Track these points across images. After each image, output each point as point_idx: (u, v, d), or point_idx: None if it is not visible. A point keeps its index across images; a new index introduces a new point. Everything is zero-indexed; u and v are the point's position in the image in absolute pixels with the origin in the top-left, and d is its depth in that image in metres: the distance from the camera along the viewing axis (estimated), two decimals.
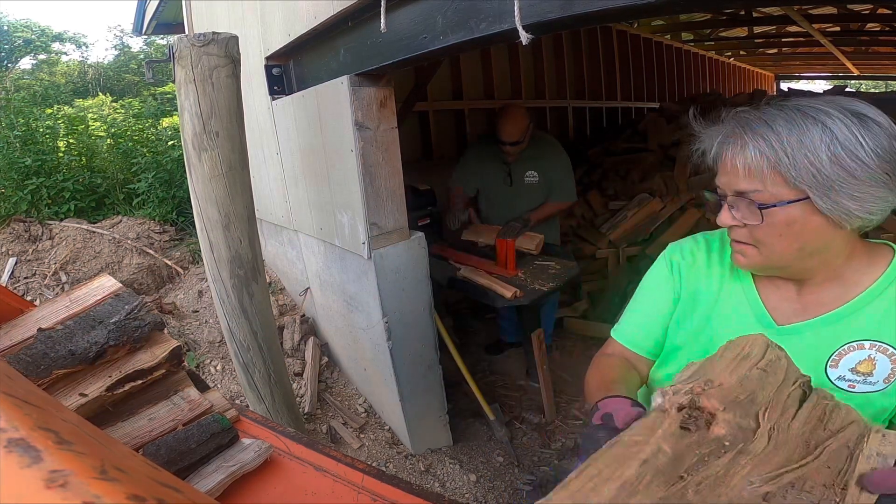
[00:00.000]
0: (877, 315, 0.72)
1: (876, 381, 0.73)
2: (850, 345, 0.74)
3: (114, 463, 0.33)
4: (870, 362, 0.73)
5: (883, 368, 0.72)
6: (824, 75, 10.21)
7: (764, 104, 0.71)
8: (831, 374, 0.75)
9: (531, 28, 0.92)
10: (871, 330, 0.73)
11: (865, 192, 0.64)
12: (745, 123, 0.70)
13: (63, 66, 13.29)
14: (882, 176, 0.63)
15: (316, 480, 0.75)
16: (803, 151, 0.64)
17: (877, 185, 0.64)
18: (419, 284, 1.89)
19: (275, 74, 2.13)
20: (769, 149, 0.66)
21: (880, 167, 0.63)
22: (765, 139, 0.66)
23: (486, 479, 2.04)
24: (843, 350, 0.74)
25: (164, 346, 0.86)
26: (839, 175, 0.63)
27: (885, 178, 0.63)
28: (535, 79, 4.50)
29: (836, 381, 0.75)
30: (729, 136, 0.71)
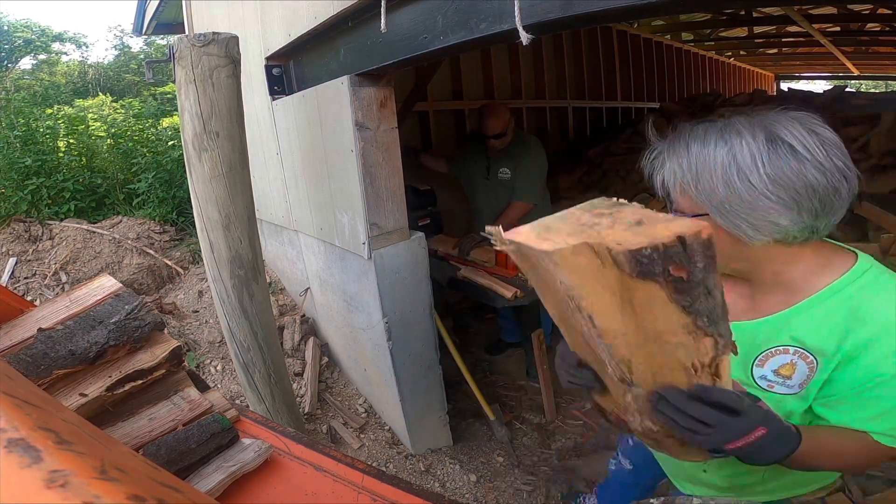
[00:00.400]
0: (810, 323, 0.75)
1: (793, 385, 0.77)
2: (777, 348, 0.78)
3: (114, 463, 0.33)
4: (791, 366, 0.77)
5: (801, 374, 0.76)
6: (824, 75, 10.21)
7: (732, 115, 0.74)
8: (756, 372, 0.80)
9: (531, 28, 0.92)
10: (800, 336, 0.76)
11: (755, 214, 0.67)
12: (671, 142, 0.75)
13: (63, 66, 13.29)
14: (773, 199, 0.66)
15: (316, 480, 0.75)
16: (706, 173, 0.69)
17: (765, 209, 0.66)
18: (419, 284, 1.89)
19: (275, 74, 2.13)
20: (679, 169, 0.72)
21: (773, 192, 0.66)
22: (678, 159, 0.72)
23: (486, 479, 2.04)
24: (771, 352, 0.78)
25: (164, 346, 0.86)
26: (729, 196, 0.67)
27: (778, 201, 0.66)
28: (535, 79, 4.50)
29: (758, 380, 0.80)
30: (660, 154, 0.76)
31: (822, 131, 0.68)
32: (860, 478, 1.88)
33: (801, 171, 0.65)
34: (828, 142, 0.67)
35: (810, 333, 0.75)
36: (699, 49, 7.11)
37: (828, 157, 0.66)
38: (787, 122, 0.68)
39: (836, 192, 0.67)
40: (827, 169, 0.66)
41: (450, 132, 3.90)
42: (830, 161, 0.66)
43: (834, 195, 0.67)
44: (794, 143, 0.66)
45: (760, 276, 0.78)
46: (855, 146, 3.35)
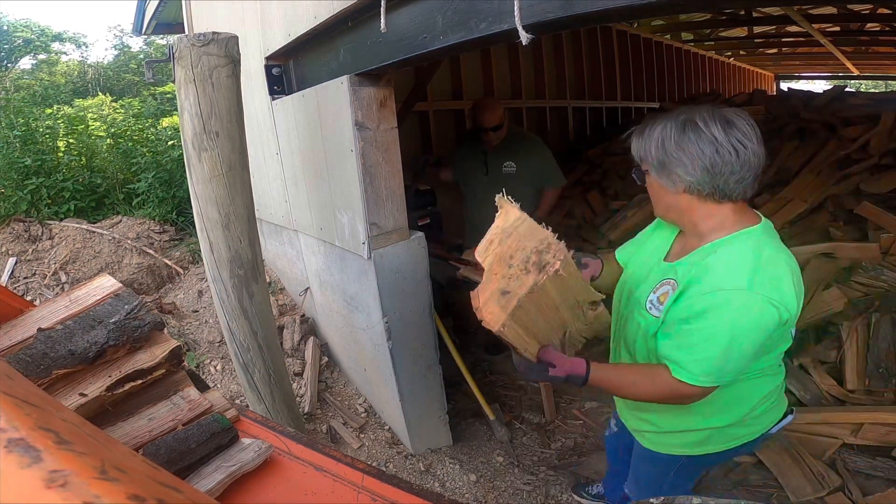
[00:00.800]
0: (694, 265, 1.00)
1: (661, 310, 1.04)
2: (667, 280, 1.05)
3: (114, 463, 0.33)
4: (665, 295, 1.04)
5: (668, 301, 1.02)
6: (824, 75, 10.22)
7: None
8: (651, 297, 1.07)
9: (531, 28, 0.92)
10: (682, 274, 1.02)
11: (670, 169, 0.98)
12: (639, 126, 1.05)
13: (63, 66, 13.27)
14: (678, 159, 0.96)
15: (316, 480, 0.75)
16: (650, 143, 1.00)
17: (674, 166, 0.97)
18: (419, 284, 1.89)
19: (275, 74, 2.13)
20: (638, 141, 1.04)
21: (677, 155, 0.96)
22: (639, 136, 1.04)
23: (486, 479, 2.04)
24: (664, 283, 1.06)
25: (163, 346, 0.86)
26: (658, 156, 0.99)
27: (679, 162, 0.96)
28: (535, 79, 4.50)
29: (647, 302, 1.08)
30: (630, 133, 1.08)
31: (734, 119, 0.94)
32: (860, 478, 1.89)
33: (697, 142, 0.94)
34: (732, 126, 0.93)
35: (688, 273, 1.00)
36: (699, 49, 7.10)
37: (724, 136, 0.93)
38: (707, 111, 0.96)
39: (724, 161, 0.93)
40: (720, 143, 0.92)
41: (450, 132, 3.90)
42: (726, 138, 0.92)
43: (723, 162, 0.93)
44: (701, 124, 0.94)
45: (685, 225, 1.06)
46: (855, 146, 3.35)
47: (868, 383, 2.14)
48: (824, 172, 3.23)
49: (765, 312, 0.91)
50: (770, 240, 0.98)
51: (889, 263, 2.46)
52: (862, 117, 3.59)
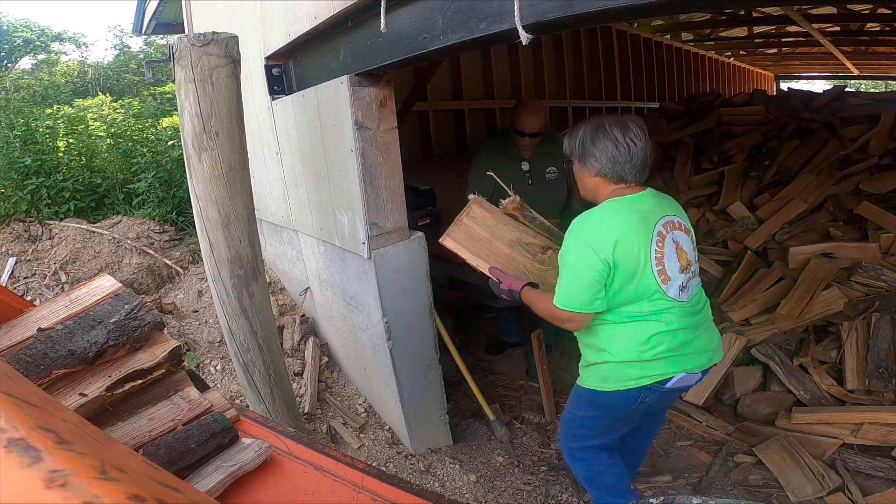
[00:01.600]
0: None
1: None
2: None
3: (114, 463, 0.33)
4: None
5: None
6: (824, 75, 10.21)
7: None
8: None
9: (531, 28, 0.92)
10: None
11: (586, 159, 1.37)
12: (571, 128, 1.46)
13: (63, 66, 13.27)
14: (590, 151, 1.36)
15: (316, 480, 0.75)
16: (574, 140, 1.41)
17: (589, 157, 1.36)
18: (419, 284, 1.89)
19: (275, 74, 2.13)
20: (567, 140, 1.45)
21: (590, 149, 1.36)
22: (569, 136, 1.44)
23: (486, 478, 2.04)
24: None
25: (163, 346, 0.86)
26: (579, 151, 1.39)
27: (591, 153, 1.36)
28: (535, 79, 4.50)
29: None
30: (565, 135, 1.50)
31: (630, 124, 1.33)
32: (860, 478, 1.89)
33: (604, 140, 1.33)
34: (628, 129, 1.32)
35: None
36: (699, 49, 7.10)
37: (623, 137, 1.32)
38: (612, 119, 1.36)
39: (622, 154, 1.32)
40: (619, 142, 1.32)
41: (450, 132, 3.90)
42: (624, 139, 1.32)
43: (620, 156, 1.32)
44: (607, 127, 1.34)
45: (596, 200, 1.42)
46: (855, 146, 3.35)
47: (868, 383, 2.14)
48: (824, 172, 3.23)
49: (581, 249, 1.30)
50: (624, 204, 1.34)
51: (889, 263, 2.46)
52: (862, 117, 3.59)
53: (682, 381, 1.38)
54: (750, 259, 2.81)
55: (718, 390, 2.39)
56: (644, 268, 1.30)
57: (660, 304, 1.33)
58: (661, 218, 1.36)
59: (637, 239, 1.29)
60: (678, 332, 1.35)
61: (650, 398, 1.40)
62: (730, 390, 2.37)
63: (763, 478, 1.94)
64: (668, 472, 2.04)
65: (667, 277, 1.33)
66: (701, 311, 1.43)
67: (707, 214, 3.30)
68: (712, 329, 1.47)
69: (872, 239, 2.62)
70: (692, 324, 1.38)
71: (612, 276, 1.29)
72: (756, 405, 2.28)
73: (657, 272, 1.31)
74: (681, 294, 1.36)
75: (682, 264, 1.36)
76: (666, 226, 1.36)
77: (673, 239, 1.36)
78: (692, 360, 1.38)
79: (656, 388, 1.37)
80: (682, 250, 1.37)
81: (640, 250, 1.29)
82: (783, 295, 2.50)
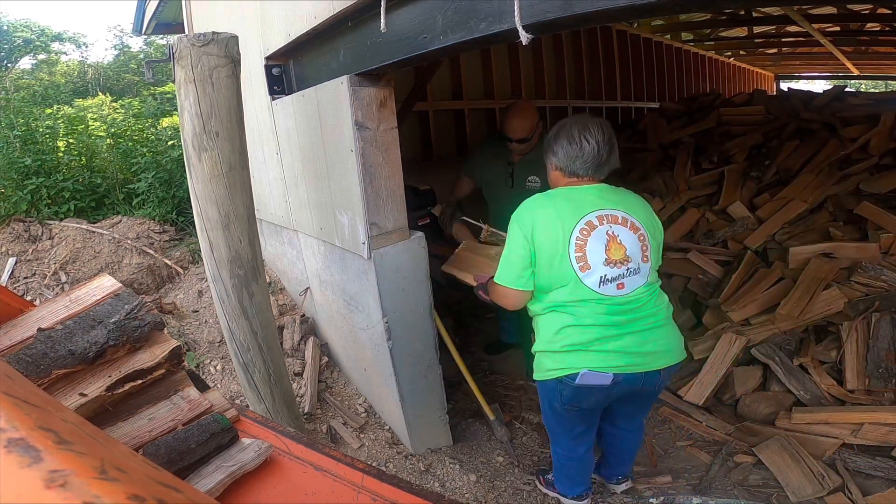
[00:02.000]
0: None
1: None
2: None
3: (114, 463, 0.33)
4: None
5: None
6: (824, 75, 10.22)
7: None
8: None
9: (531, 28, 0.92)
10: None
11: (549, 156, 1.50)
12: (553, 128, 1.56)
13: (63, 66, 13.27)
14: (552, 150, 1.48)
15: (316, 480, 0.75)
16: (547, 137, 1.51)
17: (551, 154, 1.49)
18: (419, 284, 1.89)
19: (275, 74, 2.13)
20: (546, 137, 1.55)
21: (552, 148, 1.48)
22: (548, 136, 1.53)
23: (486, 478, 2.04)
24: None
25: (163, 346, 0.86)
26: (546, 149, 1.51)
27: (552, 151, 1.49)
28: (535, 79, 4.50)
29: None
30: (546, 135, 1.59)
31: (591, 125, 1.43)
32: (860, 478, 1.89)
33: (561, 139, 1.45)
34: (585, 128, 1.43)
35: None
36: (699, 49, 7.10)
37: (579, 135, 1.42)
38: (576, 118, 1.49)
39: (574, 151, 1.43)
40: (574, 140, 1.42)
41: (450, 132, 3.90)
42: (580, 137, 1.42)
43: (573, 152, 1.43)
44: (568, 128, 1.45)
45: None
46: (855, 146, 3.35)
47: (868, 383, 2.14)
48: (824, 172, 3.23)
49: (513, 228, 1.42)
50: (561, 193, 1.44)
51: (889, 263, 2.46)
52: (862, 117, 3.59)
53: (587, 379, 1.37)
54: (750, 259, 2.81)
55: (718, 390, 2.39)
56: (563, 253, 1.35)
57: (577, 294, 1.37)
58: (598, 210, 1.39)
59: (559, 224, 1.36)
60: (590, 327, 1.36)
61: (566, 392, 1.44)
62: (730, 390, 2.37)
63: (763, 478, 1.94)
64: (668, 472, 2.04)
65: (586, 266, 1.35)
66: (637, 310, 1.39)
67: (707, 214, 3.30)
68: (656, 332, 1.40)
69: (872, 239, 2.62)
70: (614, 322, 1.36)
71: (533, 255, 1.38)
72: (756, 405, 2.28)
73: (575, 258, 1.35)
74: (602, 286, 1.36)
75: (610, 257, 1.36)
76: (601, 218, 1.38)
77: (607, 231, 1.37)
78: (602, 359, 1.36)
79: (567, 381, 1.41)
80: (619, 245, 1.37)
81: (559, 235, 1.36)
82: (783, 295, 2.50)
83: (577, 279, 1.36)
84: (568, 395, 1.45)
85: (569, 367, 1.39)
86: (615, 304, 1.36)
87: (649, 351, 1.38)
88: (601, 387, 1.40)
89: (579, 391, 1.42)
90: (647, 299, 1.41)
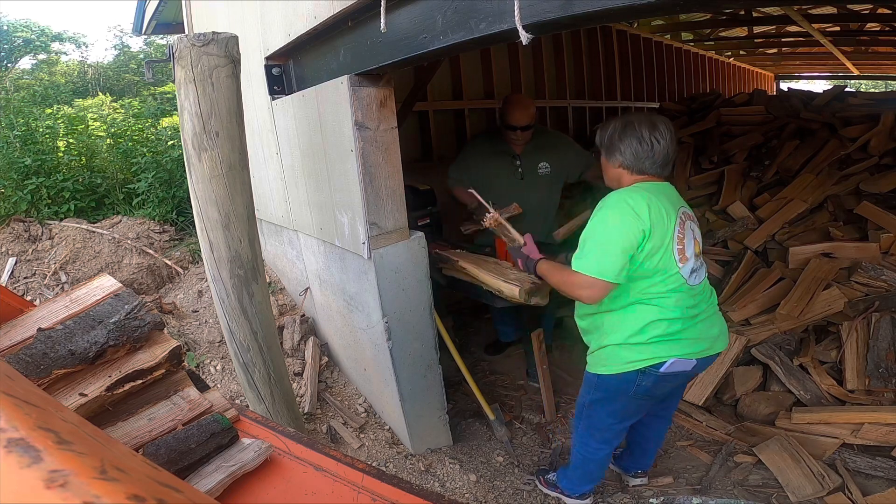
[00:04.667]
0: None
1: None
2: None
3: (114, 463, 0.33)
4: None
5: None
6: (824, 75, 10.20)
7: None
8: None
9: (531, 28, 0.92)
10: None
11: (613, 152, 1.48)
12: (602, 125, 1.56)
13: (63, 66, 13.26)
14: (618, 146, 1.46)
15: (316, 480, 0.75)
16: (604, 134, 1.52)
17: (616, 151, 1.47)
18: (419, 284, 1.89)
19: (275, 74, 2.13)
20: (600, 133, 1.54)
21: (618, 145, 1.46)
22: (602, 130, 1.54)
23: (486, 478, 2.04)
24: None
25: (163, 346, 0.86)
26: (608, 145, 1.50)
27: (619, 149, 1.46)
28: (535, 79, 4.50)
29: None
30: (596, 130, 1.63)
31: (658, 123, 1.43)
32: (860, 478, 1.89)
33: (629, 139, 1.44)
34: (655, 128, 1.42)
35: None
36: (699, 49, 7.10)
37: (650, 135, 1.42)
38: (640, 117, 1.46)
39: (644, 150, 1.43)
40: (645, 140, 1.42)
41: (450, 132, 3.89)
42: (650, 136, 1.42)
43: (644, 152, 1.43)
44: (636, 125, 1.44)
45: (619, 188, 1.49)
46: (855, 146, 3.35)
47: (868, 383, 2.14)
48: (824, 172, 3.23)
49: (623, 216, 1.36)
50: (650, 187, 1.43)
51: (889, 263, 2.46)
52: (862, 117, 3.59)
53: (675, 367, 1.45)
54: (750, 259, 2.81)
55: (718, 390, 2.39)
56: (669, 242, 1.40)
57: (671, 283, 1.42)
58: (680, 206, 1.48)
59: (665, 216, 1.39)
60: (675, 320, 1.43)
61: (646, 382, 1.47)
62: (730, 390, 2.37)
63: (763, 478, 1.94)
64: (668, 472, 2.04)
65: (684, 258, 1.43)
66: (707, 299, 1.51)
67: (707, 214, 3.30)
68: (715, 318, 1.53)
69: (872, 239, 2.62)
70: (692, 311, 1.45)
71: (643, 243, 1.36)
72: (756, 405, 2.28)
73: (677, 251, 1.41)
74: (691, 277, 1.45)
75: (695, 251, 1.47)
76: (684, 213, 1.47)
77: (690, 227, 1.47)
78: (687, 346, 1.45)
79: (651, 371, 1.44)
80: (696, 240, 1.49)
81: (667, 227, 1.39)
82: (783, 295, 2.50)
83: (678, 270, 1.42)
84: (647, 385, 1.48)
85: (657, 357, 1.43)
86: (695, 292, 1.46)
87: (714, 335, 1.51)
88: (683, 372, 1.49)
89: (662, 379, 1.47)
90: (708, 287, 1.55)
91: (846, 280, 2.48)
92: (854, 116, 3.65)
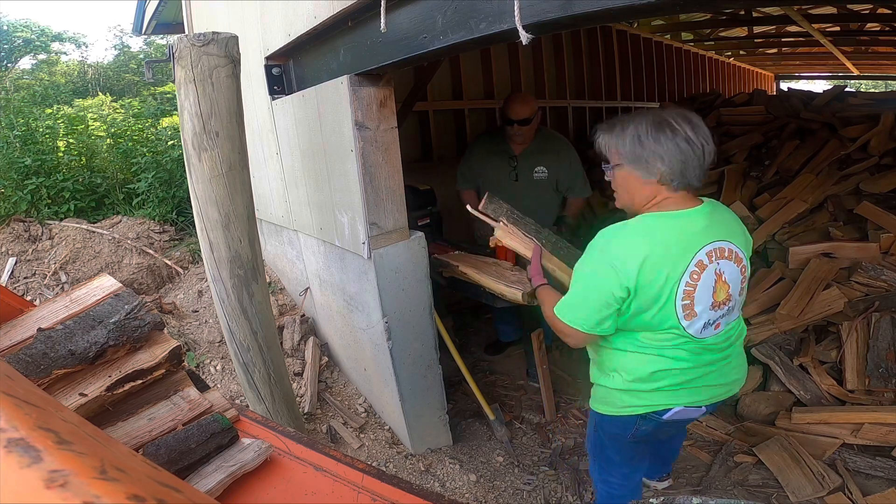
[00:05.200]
0: None
1: None
2: None
3: (114, 463, 0.33)
4: None
5: None
6: (824, 75, 10.20)
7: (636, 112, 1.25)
8: None
9: (531, 28, 0.92)
10: None
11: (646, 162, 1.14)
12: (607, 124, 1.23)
13: (63, 66, 13.26)
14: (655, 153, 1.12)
15: (316, 480, 0.75)
16: (622, 138, 1.17)
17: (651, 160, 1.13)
18: (419, 284, 1.89)
19: (275, 74, 2.13)
20: (609, 138, 1.21)
21: (655, 150, 1.12)
22: (609, 133, 1.21)
23: (486, 478, 2.04)
24: None
25: (163, 346, 0.86)
26: (634, 151, 1.15)
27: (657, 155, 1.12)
28: (535, 79, 4.50)
29: None
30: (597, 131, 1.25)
31: (695, 120, 1.13)
32: (860, 478, 1.89)
33: (674, 139, 1.11)
34: (696, 126, 1.12)
35: None
36: (699, 49, 7.10)
37: (695, 135, 1.11)
38: (673, 112, 1.14)
39: (695, 154, 1.11)
40: (692, 141, 1.11)
41: (450, 132, 3.89)
42: (696, 136, 1.11)
43: (693, 157, 1.11)
44: (675, 124, 1.11)
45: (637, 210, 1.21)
46: (855, 146, 3.35)
47: (868, 383, 2.14)
48: (824, 172, 3.23)
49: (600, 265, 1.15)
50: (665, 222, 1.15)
51: (889, 263, 2.46)
52: (862, 117, 3.59)
53: (680, 414, 1.29)
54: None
55: None
56: (667, 300, 1.13)
57: (672, 340, 1.19)
58: (708, 244, 1.15)
59: (667, 267, 1.11)
60: (686, 370, 1.23)
61: (645, 427, 1.32)
62: None
63: (763, 478, 1.94)
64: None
65: (692, 314, 1.16)
66: (727, 348, 1.28)
67: None
68: (737, 361, 1.34)
69: (872, 239, 2.62)
70: (706, 361, 1.25)
71: (629, 301, 1.14)
72: (756, 405, 2.28)
73: (681, 307, 1.15)
74: (703, 331, 1.20)
75: (716, 300, 1.18)
76: (711, 254, 1.15)
77: (716, 270, 1.16)
78: (697, 394, 1.28)
79: (652, 417, 1.29)
80: (724, 283, 1.18)
81: (667, 280, 1.12)
82: (783, 295, 2.50)
83: (681, 327, 1.17)
84: (647, 429, 1.33)
85: (661, 405, 1.27)
86: (709, 344, 1.23)
87: (733, 380, 1.33)
88: (689, 419, 1.35)
89: (664, 425, 1.31)
90: (735, 332, 1.31)
91: (846, 280, 2.48)
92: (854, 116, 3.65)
